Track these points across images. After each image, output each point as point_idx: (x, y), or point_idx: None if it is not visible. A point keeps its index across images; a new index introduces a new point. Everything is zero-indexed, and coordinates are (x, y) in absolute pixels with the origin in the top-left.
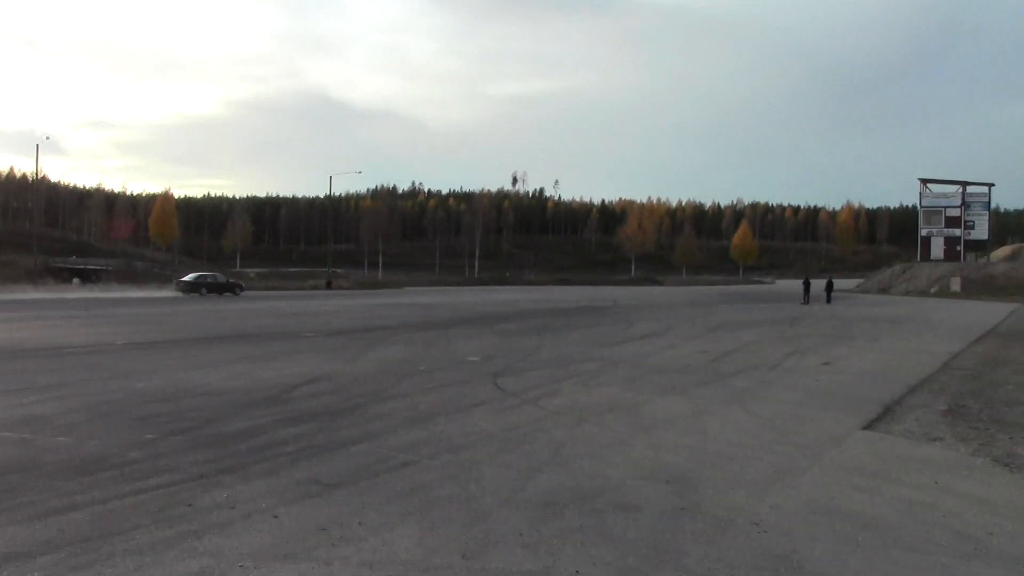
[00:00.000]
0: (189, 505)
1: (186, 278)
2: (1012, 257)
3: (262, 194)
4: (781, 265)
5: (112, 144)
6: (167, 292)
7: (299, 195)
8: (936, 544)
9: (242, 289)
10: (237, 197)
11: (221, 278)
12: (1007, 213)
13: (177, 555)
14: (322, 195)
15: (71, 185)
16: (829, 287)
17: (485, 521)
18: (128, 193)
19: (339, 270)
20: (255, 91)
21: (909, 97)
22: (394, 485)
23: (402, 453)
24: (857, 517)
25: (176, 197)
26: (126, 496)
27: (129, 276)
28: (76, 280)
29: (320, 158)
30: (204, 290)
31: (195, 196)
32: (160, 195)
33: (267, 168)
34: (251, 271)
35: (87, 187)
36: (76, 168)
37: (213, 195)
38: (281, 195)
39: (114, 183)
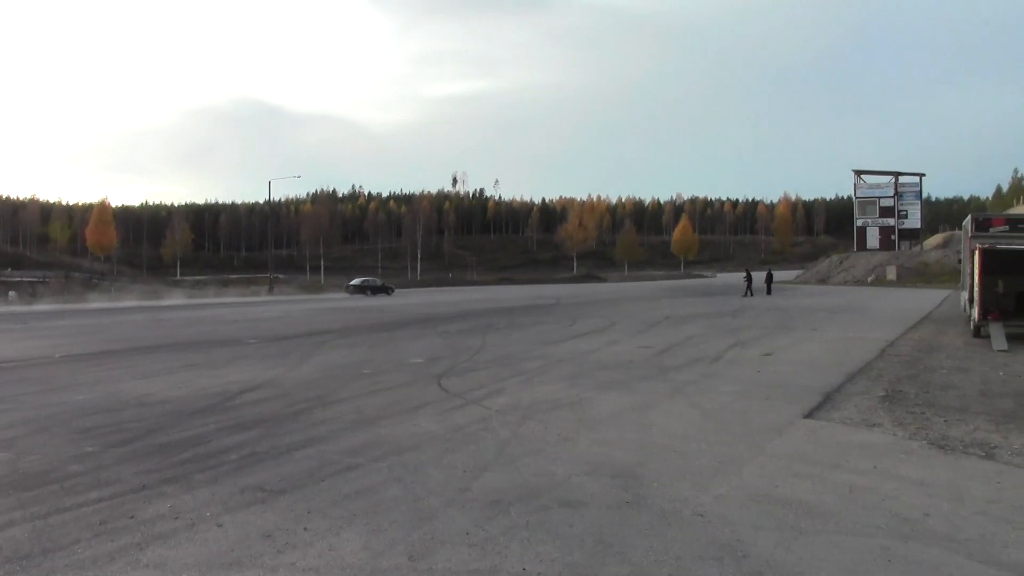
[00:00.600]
0: (132, 517)
1: (353, 282)
2: (944, 245)
3: (201, 201)
4: (722, 258)
5: (46, 154)
6: (340, 293)
7: (238, 201)
8: (875, 527)
9: (392, 290)
10: (175, 205)
11: (378, 282)
12: (938, 202)
13: (120, 568)
14: (261, 200)
15: (3, 196)
16: (769, 279)
17: (431, 522)
18: (64, 203)
19: (281, 276)
20: (190, 97)
21: (841, 89)
22: (339, 489)
23: (347, 457)
24: (799, 504)
25: (113, 206)
26: (67, 510)
27: (68, 287)
28: (13, 293)
29: (258, 163)
30: (369, 292)
31: (133, 204)
32: (97, 204)
33: (205, 175)
34: (190, 279)
35: (20, 198)
36: (7, 178)
37: (151, 203)
38: (220, 201)
39: (49, 193)
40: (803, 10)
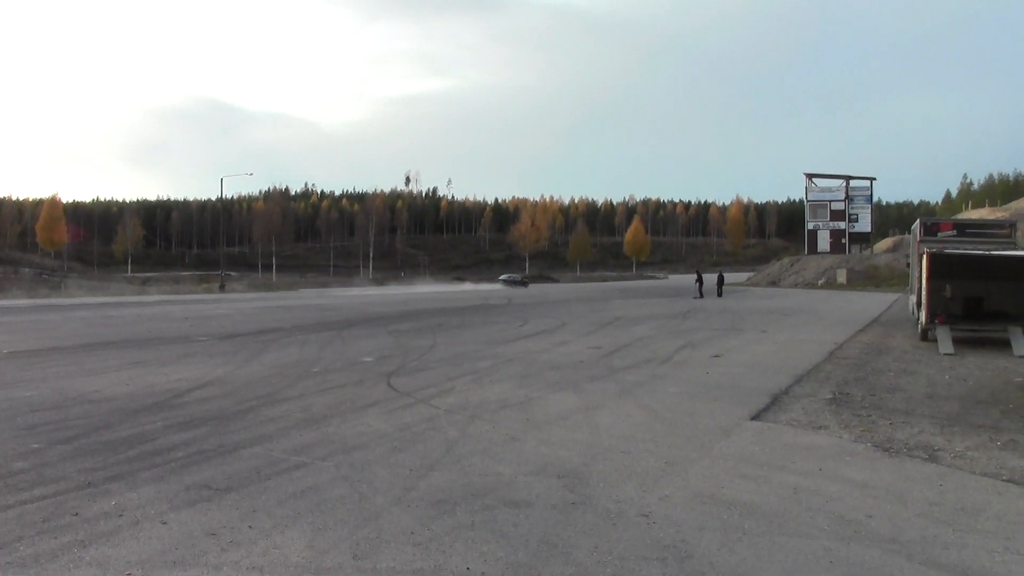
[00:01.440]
0: (75, 514)
1: (502, 277)
2: (893, 249)
3: (153, 197)
4: (674, 260)
5: None
6: (496, 285)
7: (190, 198)
8: (819, 528)
9: (528, 284)
10: (127, 201)
11: (519, 277)
12: (889, 206)
13: (62, 566)
14: (214, 198)
15: None
16: (720, 281)
17: (376, 521)
18: (14, 198)
19: (233, 273)
20: (143, 93)
21: (793, 93)
22: (285, 488)
23: (294, 455)
24: (744, 505)
25: (64, 201)
26: (9, 508)
27: (16, 283)
28: None
29: (211, 160)
30: (515, 284)
31: (84, 200)
32: (47, 199)
33: (157, 171)
34: (141, 276)
35: None
36: None
37: (103, 199)
38: (172, 198)
39: None
40: (757, 16)
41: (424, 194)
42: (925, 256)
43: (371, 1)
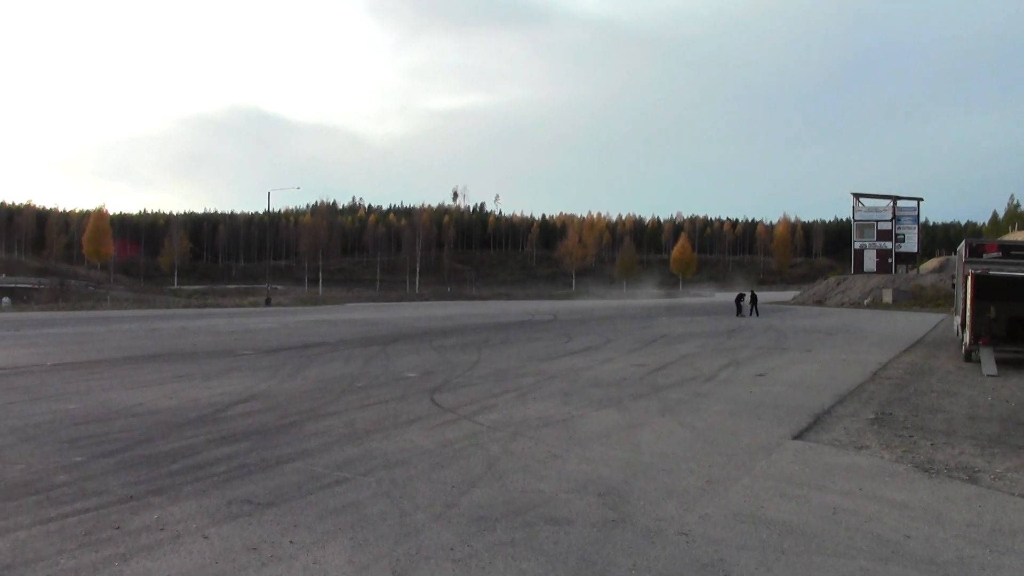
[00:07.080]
0: (117, 528)
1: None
2: (939, 269)
3: (199, 210)
4: (720, 278)
5: (43, 160)
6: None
7: (237, 211)
8: (857, 548)
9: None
10: (174, 213)
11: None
12: (935, 226)
13: None
14: (261, 211)
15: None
16: (739, 300)
17: (417, 537)
18: (60, 210)
19: (279, 287)
20: (189, 105)
21: (841, 112)
22: (327, 503)
23: (336, 471)
24: (783, 525)
25: (111, 214)
26: (51, 521)
27: (63, 295)
28: (6, 300)
29: (258, 174)
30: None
31: (130, 212)
32: (94, 212)
33: (204, 184)
34: (188, 288)
35: (17, 204)
36: (3, 183)
37: (149, 211)
38: (219, 211)
39: (46, 200)
40: (806, 34)
41: (471, 209)
42: (970, 277)
43: (413, 14)
